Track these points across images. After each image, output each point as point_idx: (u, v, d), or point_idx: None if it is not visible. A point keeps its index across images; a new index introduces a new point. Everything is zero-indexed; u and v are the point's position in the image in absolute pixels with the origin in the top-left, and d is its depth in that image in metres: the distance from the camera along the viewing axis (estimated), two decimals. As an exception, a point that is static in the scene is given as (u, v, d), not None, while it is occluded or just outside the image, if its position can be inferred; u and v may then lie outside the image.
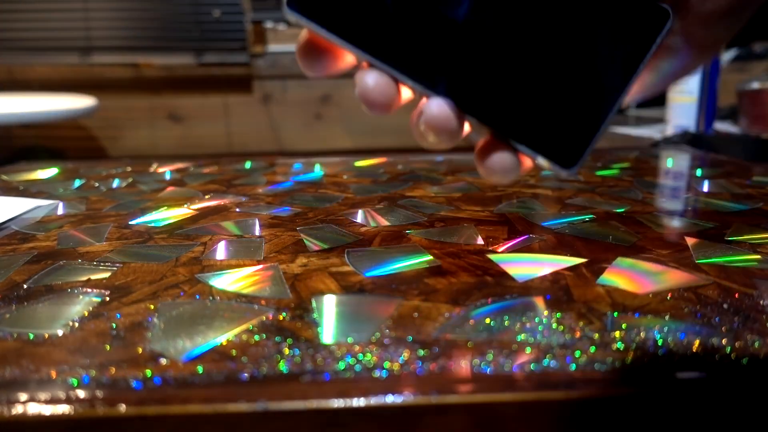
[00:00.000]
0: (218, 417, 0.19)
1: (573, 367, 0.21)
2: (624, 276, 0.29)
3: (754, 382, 0.20)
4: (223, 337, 0.23)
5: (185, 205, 0.46)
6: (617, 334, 0.23)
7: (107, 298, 0.27)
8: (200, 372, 0.21)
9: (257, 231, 0.38)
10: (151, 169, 0.64)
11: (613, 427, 0.20)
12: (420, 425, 0.20)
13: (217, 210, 0.45)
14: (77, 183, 0.57)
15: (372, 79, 0.22)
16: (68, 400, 0.19)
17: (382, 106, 0.23)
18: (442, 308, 0.26)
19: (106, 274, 0.31)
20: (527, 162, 0.23)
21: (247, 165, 0.66)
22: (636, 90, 0.25)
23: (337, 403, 0.19)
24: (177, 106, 1.94)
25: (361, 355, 0.22)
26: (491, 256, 0.32)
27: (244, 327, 0.24)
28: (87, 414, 0.19)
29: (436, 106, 0.22)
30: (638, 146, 0.97)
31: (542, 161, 0.22)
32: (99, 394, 0.20)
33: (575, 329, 0.24)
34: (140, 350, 0.22)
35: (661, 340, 0.22)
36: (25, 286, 0.29)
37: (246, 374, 0.21)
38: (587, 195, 0.48)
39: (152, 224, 0.41)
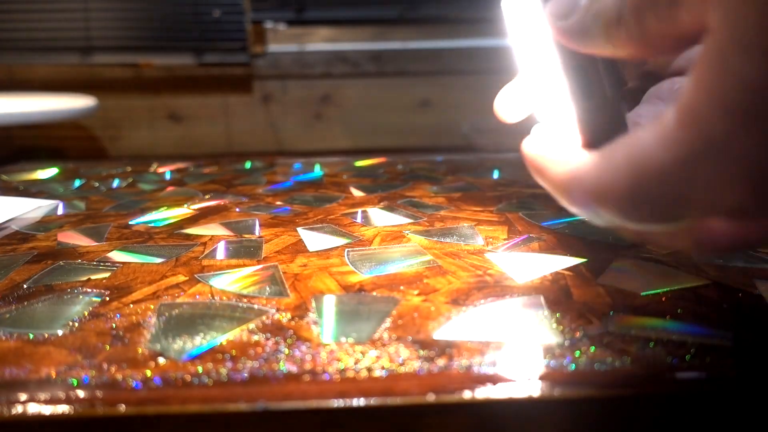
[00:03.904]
0: (218, 417, 0.19)
1: (573, 367, 0.21)
2: (624, 276, 0.29)
3: (754, 382, 0.20)
4: (223, 337, 0.23)
5: (185, 205, 0.46)
6: (617, 334, 0.23)
7: (107, 298, 0.27)
8: (200, 372, 0.21)
9: (257, 231, 0.38)
10: (151, 169, 0.64)
11: (613, 427, 0.20)
12: (420, 425, 0.20)
13: (217, 210, 0.45)
14: (77, 183, 0.57)
15: None
16: (68, 400, 0.19)
17: None
18: (442, 308, 0.26)
19: (106, 274, 0.31)
20: None
21: (247, 165, 0.66)
22: None
23: (337, 403, 0.19)
24: (177, 106, 1.95)
25: (361, 355, 0.22)
26: (491, 256, 0.32)
27: (244, 327, 0.24)
28: (87, 414, 0.19)
29: None
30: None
31: None
32: (99, 394, 0.20)
33: (575, 329, 0.24)
34: (140, 350, 0.22)
35: (661, 340, 0.22)
36: (25, 286, 0.29)
37: (246, 374, 0.21)
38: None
39: (152, 224, 0.41)
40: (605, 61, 0.22)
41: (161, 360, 0.22)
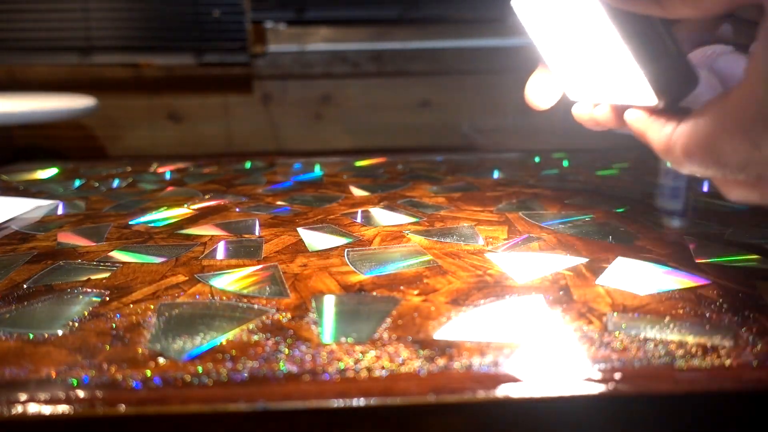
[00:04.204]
0: (218, 417, 0.19)
1: (573, 366, 0.21)
2: (624, 276, 0.29)
3: (754, 382, 0.20)
4: (223, 337, 0.23)
5: (185, 205, 0.46)
6: (617, 334, 0.23)
7: (107, 298, 0.27)
8: (200, 372, 0.21)
9: (257, 231, 0.38)
10: (151, 169, 0.64)
11: (612, 426, 0.20)
12: (420, 425, 0.20)
13: (217, 210, 0.45)
14: (77, 183, 0.57)
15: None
16: (68, 400, 0.19)
17: None
18: (442, 308, 0.26)
19: (106, 274, 0.31)
20: None
21: (247, 165, 0.66)
22: None
23: (337, 403, 0.19)
24: (177, 106, 1.94)
25: (361, 355, 0.22)
26: (491, 256, 0.32)
27: (244, 327, 0.24)
28: (87, 414, 0.19)
29: None
30: (638, 146, 0.97)
31: None
32: (99, 394, 0.20)
33: (575, 329, 0.24)
34: (140, 350, 0.22)
35: (661, 340, 0.22)
36: (25, 286, 0.29)
37: (246, 374, 0.21)
38: (587, 195, 0.48)
39: (152, 224, 0.41)
40: (661, 19, 0.22)
41: (161, 360, 0.22)
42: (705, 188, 0.52)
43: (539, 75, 0.30)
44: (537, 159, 0.67)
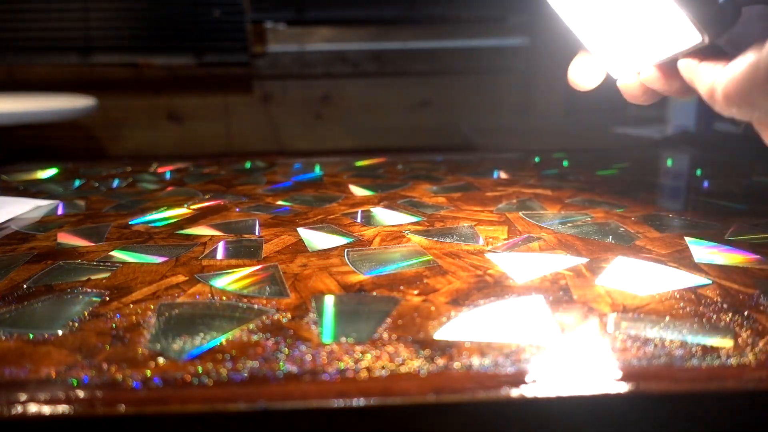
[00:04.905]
0: (218, 417, 0.19)
1: (572, 367, 0.21)
2: (624, 276, 0.29)
3: (754, 382, 0.20)
4: (222, 337, 0.23)
5: (185, 205, 0.46)
6: (617, 334, 0.23)
7: (107, 298, 0.27)
8: (200, 372, 0.21)
9: (257, 231, 0.38)
10: (151, 169, 0.64)
11: (612, 426, 0.20)
12: (420, 425, 0.20)
13: (217, 210, 0.45)
14: (77, 183, 0.57)
15: None
16: (68, 400, 0.19)
17: None
18: (442, 308, 0.26)
19: (106, 274, 0.31)
20: None
21: (247, 165, 0.66)
22: None
23: (337, 403, 0.19)
24: (177, 106, 1.94)
25: (361, 355, 0.22)
26: (491, 256, 0.32)
27: (243, 327, 0.24)
28: (87, 414, 0.19)
29: None
30: (638, 146, 0.97)
31: None
32: (99, 394, 0.20)
33: (575, 329, 0.24)
34: (140, 350, 0.22)
35: (661, 340, 0.22)
36: (25, 286, 0.29)
37: (246, 374, 0.21)
38: (587, 195, 0.48)
39: (152, 224, 0.41)
40: None
41: (161, 360, 0.22)
42: (705, 188, 0.52)
43: (581, 58, 0.32)
44: (537, 159, 0.67)
